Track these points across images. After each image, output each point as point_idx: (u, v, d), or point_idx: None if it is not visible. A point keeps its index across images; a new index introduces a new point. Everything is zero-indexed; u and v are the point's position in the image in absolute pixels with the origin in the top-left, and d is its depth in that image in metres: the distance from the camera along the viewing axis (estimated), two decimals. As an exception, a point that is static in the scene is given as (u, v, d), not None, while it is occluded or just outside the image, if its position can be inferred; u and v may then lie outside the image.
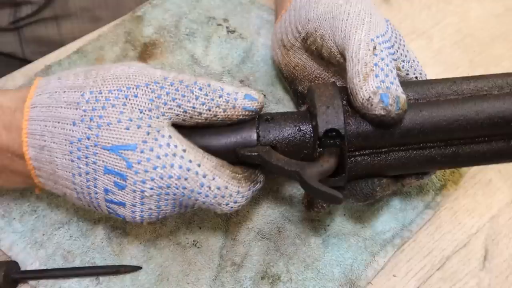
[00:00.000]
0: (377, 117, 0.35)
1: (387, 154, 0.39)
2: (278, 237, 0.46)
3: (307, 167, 0.35)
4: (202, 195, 0.36)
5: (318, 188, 0.33)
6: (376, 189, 0.40)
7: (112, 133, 0.35)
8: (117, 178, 0.36)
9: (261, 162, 0.37)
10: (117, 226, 0.46)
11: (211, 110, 0.36)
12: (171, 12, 0.61)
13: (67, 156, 0.36)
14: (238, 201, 0.38)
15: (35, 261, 0.45)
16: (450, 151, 0.39)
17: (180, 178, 0.35)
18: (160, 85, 0.36)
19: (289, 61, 0.48)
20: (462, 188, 0.50)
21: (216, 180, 0.36)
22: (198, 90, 0.36)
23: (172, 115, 0.36)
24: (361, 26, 0.38)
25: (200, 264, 0.45)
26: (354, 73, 0.36)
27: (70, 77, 0.37)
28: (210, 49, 0.58)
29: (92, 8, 0.67)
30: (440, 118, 0.37)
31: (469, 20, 0.62)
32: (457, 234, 0.47)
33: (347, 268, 0.44)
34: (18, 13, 0.63)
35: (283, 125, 0.39)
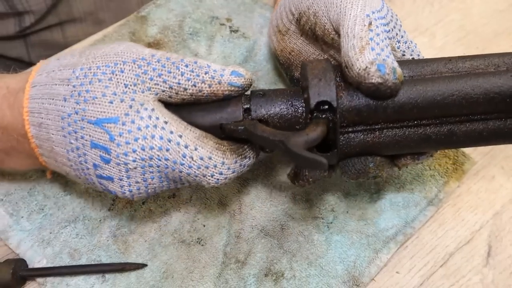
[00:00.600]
0: (373, 85, 0.35)
1: (380, 132, 0.38)
2: (281, 235, 0.46)
3: (292, 136, 0.34)
4: (185, 166, 0.36)
5: (301, 154, 0.32)
6: (369, 166, 0.39)
7: (96, 107, 0.36)
8: (102, 152, 0.36)
9: (247, 135, 0.37)
10: (122, 225, 0.47)
11: (197, 86, 0.37)
12: (175, 12, 0.61)
13: (60, 132, 0.37)
14: (224, 173, 0.37)
15: (42, 258, 0.45)
16: (445, 130, 0.38)
17: (162, 149, 0.36)
18: (147, 61, 0.37)
19: (285, 47, 0.48)
20: (465, 185, 0.50)
21: (198, 150, 0.36)
22: (184, 66, 0.37)
23: (158, 91, 0.37)
24: (357, 1, 0.38)
25: (204, 261, 0.45)
26: (350, 47, 0.36)
27: (67, 57, 0.39)
28: (213, 48, 0.58)
29: (95, 11, 0.68)
30: (435, 92, 0.36)
31: (472, 16, 0.62)
32: (460, 231, 0.47)
33: (350, 265, 0.45)
34: (23, 22, 0.64)
35: (275, 100, 0.39)
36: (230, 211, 0.48)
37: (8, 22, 0.64)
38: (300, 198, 0.48)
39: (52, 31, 0.67)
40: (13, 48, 0.66)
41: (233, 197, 0.48)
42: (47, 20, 0.65)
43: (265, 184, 0.49)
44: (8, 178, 0.49)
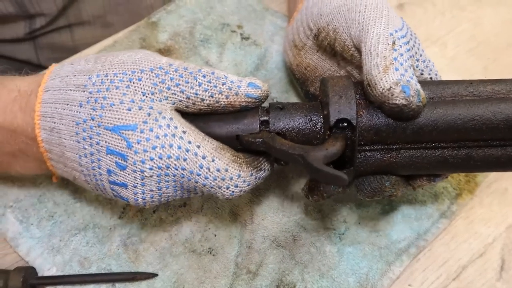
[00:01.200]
0: (397, 106, 0.34)
1: (397, 152, 0.38)
2: (293, 246, 0.46)
3: (312, 151, 0.34)
4: (202, 177, 0.36)
5: (321, 169, 0.32)
6: (385, 184, 0.39)
7: (114, 114, 0.36)
8: (118, 159, 0.36)
9: (266, 147, 0.37)
10: (133, 233, 0.47)
11: (214, 97, 0.37)
12: (185, 19, 0.61)
13: (74, 137, 0.37)
14: (240, 186, 0.37)
15: (52, 266, 0.45)
16: (463, 154, 0.38)
17: (179, 159, 0.36)
18: (164, 71, 0.37)
19: (301, 62, 0.48)
20: (478, 197, 0.50)
21: (215, 162, 0.36)
22: (201, 77, 0.37)
23: (175, 101, 0.37)
24: (380, 19, 0.38)
25: (216, 271, 0.45)
26: (373, 65, 0.36)
27: (81, 62, 0.39)
28: (225, 55, 0.58)
29: (104, 15, 0.68)
30: (455, 116, 0.36)
31: (483, 26, 0.62)
32: (473, 244, 0.47)
33: (362, 277, 0.44)
34: (33, 24, 0.64)
35: (294, 114, 0.39)
36: (241, 221, 0.47)
37: (19, 25, 0.63)
38: (312, 209, 0.48)
39: (61, 34, 0.67)
40: (22, 51, 0.66)
41: (245, 207, 0.48)
42: (56, 22, 0.65)
43: (276, 194, 0.49)
44: (18, 184, 0.49)
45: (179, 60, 0.38)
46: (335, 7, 0.42)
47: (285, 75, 0.56)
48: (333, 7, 0.42)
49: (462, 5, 0.64)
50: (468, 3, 0.64)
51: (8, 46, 0.66)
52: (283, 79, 0.56)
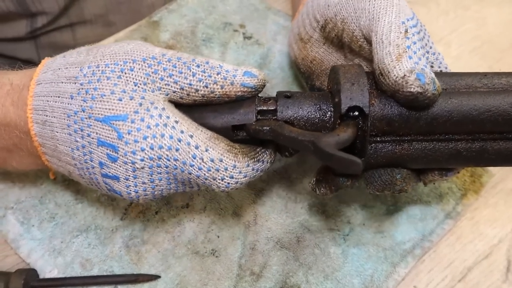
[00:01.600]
0: (412, 94, 0.33)
1: (409, 144, 0.37)
2: (297, 247, 0.46)
3: (323, 137, 0.32)
4: (195, 167, 0.35)
5: (335, 154, 0.31)
6: (396, 177, 0.38)
7: (104, 104, 0.35)
8: (109, 150, 0.35)
9: (273, 136, 0.35)
10: (135, 235, 0.46)
11: (208, 87, 0.36)
12: (187, 18, 0.60)
13: (65, 130, 0.36)
14: (235, 177, 0.36)
15: (53, 268, 0.45)
16: (477, 146, 0.37)
17: (171, 149, 0.35)
18: (157, 61, 0.36)
19: (306, 55, 0.48)
20: (483, 198, 0.49)
21: (209, 151, 0.35)
22: (195, 67, 0.36)
23: (169, 91, 0.36)
24: (391, 7, 0.37)
25: (219, 273, 0.44)
26: (385, 54, 0.35)
27: (73, 54, 0.38)
28: (227, 55, 0.57)
29: (105, 14, 0.67)
30: (470, 107, 0.35)
31: (487, 26, 0.62)
32: (479, 245, 0.47)
33: (367, 279, 0.44)
34: (34, 23, 0.63)
35: (302, 102, 0.38)
36: (245, 222, 0.47)
37: (20, 24, 0.63)
38: (316, 210, 0.47)
39: (63, 33, 0.67)
40: (23, 50, 0.66)
41: (248, 207, 0.48)
42: (58, 21, 0.64)
43: (280, 195, 0.48)
44: (19, 185, 0.49)
45: (172, 50, 0.37)
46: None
47: (288, 74, 0.56)
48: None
49: (466, 4, 0.64)
50: (472, 3, 0.64)
51: (9, 45, 0.65)
52: (286, 78, 0.56)
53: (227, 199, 0.48)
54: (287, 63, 0.57)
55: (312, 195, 0.48)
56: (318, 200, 0.48)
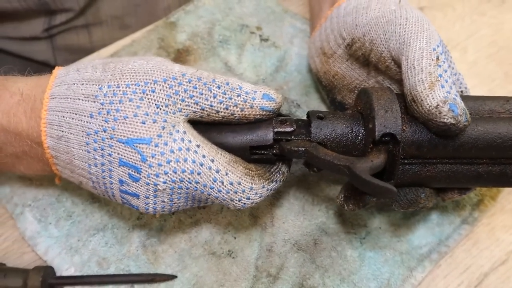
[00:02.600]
0: (445, 125, 0.35)
1: (434, 166, 0.38)
2: (314, 249, 0.46)
3: (357, 162, 0.34)
4: (215, 190, 0.37)
5: (371, 182, 0.32)
6: (420, 196, 0.39)
7: (128, 127, 0.35)
8: (131, 171, 0.36)
9: (308, 157, 0.37)
10: (152, 235, 0.46)
11: (229, 109, 0.37)
12: (204, 19, 0.61)
13: (84, 147, 0.37)
14: (252, 198, 0.38)
15: (70, 267, 0.45)
16: (497, 170, 0.39)
17: (193, 173, 0.36)
18: (178, 81, 0.36)
19: (329, 70, 0.48)
20: (500, 204, 0.49)
21: (229, 175, 0.37)
22: (216, 88, 0.36)
23: (189, 112, 0.37)
24: (421, 33, 0.38)
25: (236, 274, 0.44)
26: (418, 81, 0.36)
27: (88, 69, 0.38)
28: (244, 57, 0.57)
29: (121, 16, 0.67)
30: (495, 135, 0.37)
31: (504, 32, 0.62)
32: (495, 251, 0.47)
33: (384, 283, 0.44)
34: (52, 21, 0.63)
35: (335, 124, 0.39)
36: (261, 224, 0.47)
37: (38, 22, 0.63)
38: (334, 213, 0.47)
39: (79, 35, 0.67)
40: (40, 52, 0.66)
41: (265, 209, 0.48)
42: (75, 21, 0.65)
43: (297, 198, 0.48)
44: (36, 183, 0.49)
45: (192, 68, 0.38)
46: (372, 18, 0.42)
47: (304, 78, 0.56)
48: (370, 18, 0.42)
49: (482, 10, 0.64)
50: (488, 9, 0.64)
51: (26, 46, 0.66)
52: (303, 81, 0.56)
53: (244, 200, 0.48)
54: (304, 66, 0.57)
55: (329, 198, 0.48)
56: (336, 203, 0.48)
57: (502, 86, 0.57)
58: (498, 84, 0.57)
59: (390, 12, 0.41)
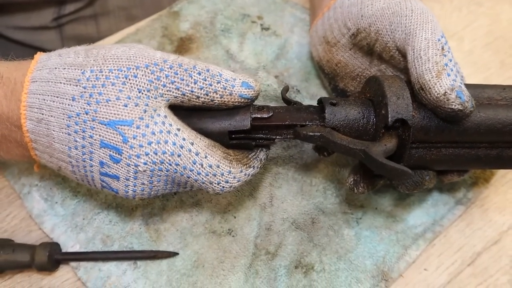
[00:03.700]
0: (453, 111, 0.37)
1: (438, 150, 0.41)
2: (311, 228, 0.47)
3: (372, 146, 0.36)
4: (194, 172, 0.38)
5: (388, 164, 0.35)
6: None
7: (110, 109, 0.36)
8: (112, 152, 0.37)
9: (324, 142, 0.39)
10: (154, 214, 0.48)
11: (209, 95, 0.38)
12: (206, 9, 0.62)
13: (64, 130, 0.37)
14: (230, 181, 0.39)
15: (75, 243, 0.46)
16: (494, 153, 0.41)
17: (174, 154, 0.37)
18: (159, 67, 0.37)
19: (331, 58, 0.49)
20: (493, 186, 0.50)
21: (208, 158, 0.38)
22: (197, 74, 0.38)
23: (170, 97, 0.38)
24: (427, 24, 0.40)
25: (235, 252, 0.46)
26: (425, 70, 0.38)
27: (70, 55, 0.39)
28: (245, 45, 0.59)
29: (128, 7, 0.69)
30: (495, 120, 0.39)
31: (500, 22, 0.63)
32: (488, 231, 0.48)
33: (379, 260, 0.45)
34: (62, 10, 0.65)
35: (348, 110, 0.41)
36: (261, 204, 0.48)
37: (48, 12, 0.65)
38: (331, 194, 0.49)
39: (87, 25, 0.68)
40: (49, 41, 0.68)
41: (264, 190, 0.49)
42: (84, 11, 0.66)
43: (296, 179, 0.50)
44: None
45: (173, 55, 0.39)
46: (378, 9, 0.43)
47: (304, 65, 0.57)
48: (376, 9, 0.44)
49: (479, 1, 0.65)
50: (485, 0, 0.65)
51: (35, 36, 0.67)
52: (302, 68, 0.57)
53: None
54: (304, 54, 0.58)
55: (327, 179, 0.50)
56: (333, 184, 0.49)
57: (498, 74, 0.58)
58: (493, 72, 0.58)
59: (396, 3, 0.43)
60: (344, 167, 0.50)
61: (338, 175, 0.50)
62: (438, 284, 0.45)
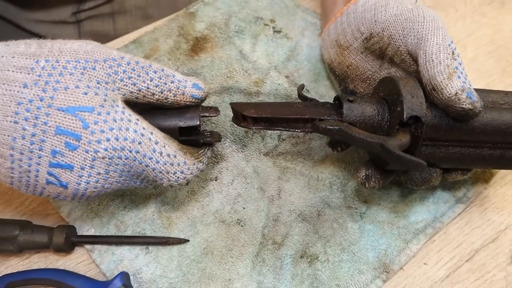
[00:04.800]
0: (463, 110, 0.39)
1: (446, 148, 0.43)
2: (317, 221, 0.49)
3: (388, 140, 0.39)
4: (153, 160, 0.39)
5: (404, 156, 0.37)
6: (433, 176, 0.44)
7: (69, 96, 0.36)
8: (69, 139, 0.37)
9: (341, 135, 0.41)
10: (167, 202, 0.50)
11: (163, 93, 0.40)
12: (221, 11, 0.65)
13: (10, 118, 0.36)
14: (185, 172, 0.41)
15: (90, 228, 0.48)
16: (498, 153, 0.44)
17: (134, 141, 0.38)
18: (117, 62, 0.38)
19: (343, 60, 0.52)
20: (492, 187, 0.52)
21: (166, 147, 0.40)
22: (153, 72, 0.40)
23: (126, 92, 0.39)
24: (438, 30, 0.43)
25: (244, 240, 0.48)
26: (437, 72, 0.40)
27: (20, 45, 0.38)
28: (258, 46, 0.61)
29: (145, 7, 0.72)
30: (500, 121, 0.42)
31: (503, 32, 0.65)
32: (486, 230, 0.50)
33: (381, 253, 0.47)
34: (82, 6, 0.68)
35: (364, 107, 0.43)
36: (269, 196, 0.50)
37: (69, 7, 0.68)
38: (337, 188, 0.51)
39: (104, 22, 0.71)
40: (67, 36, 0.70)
41: (273, 183, 0.51)
42: (102, 8, 0.69)
43: (303, 174, 0.52)
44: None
45: (130, 54, 0.40)
46: (391, 15, 0.46)
47: (314, 66, 0.60)
48: (389, 15, 0.46)
49: (483, 11, 0.67)
50: (489, 10, 0.68)
51: (55, 30, 0.70)
52: (312, 70, 0.59)
53: (254, 174, 0.52)
54: (313, 56, 0.61)
55: (333, 175, 0.52)
56: (339, 180, 0.51)
57: (500, 81, 0.60)
58: (495, 79, 0.61)
59: (408, 10, 0.45)
60: (350, 164, 0.53)
61: (343, 171, 0.52)
62: (437, 278, 0.47)
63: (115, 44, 0.62)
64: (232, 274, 0.46)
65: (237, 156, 0.53)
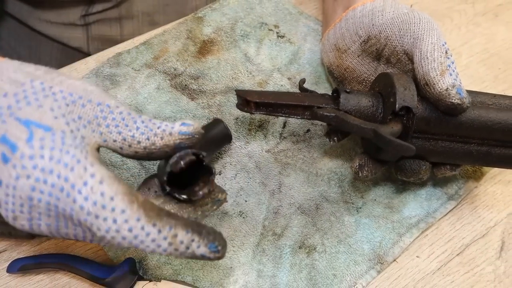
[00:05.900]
0: (452, 104, 0.43)
1: (436, 142, 0.46)
2: (315, 214, 0.52)
3: (381, 127, 0.42)
4: (82, 196, 0.32)
5: (394, 141, 0.40)
6: (422, 168, 0.47)
7: (35, 113, 0.34)
8: (6, 149, 0.33)
9: (337, 121, 0.44)
10: (173, 193, 0.52)
11: (150, 139, 0.37)
12: (228, 16, 0.68)
13: None
14: (118, 223, 0.32)
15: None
16: (484, 150, 0.47)
17: (67, 167, 0.32)
18: (110, 109, 0.37)
19: (341, 63, 0.55)
20: (483, 186, 0.55)
21: (102, 184, 0.32)
22: (140, 122, 0.37)
23: (109, 138, 0.36)
24: (432, 31, 0.46)
25: (245, 231, 0.50)
26: (431, 68, 0.44)
27: (31, 66, 0.38)
28: (262, 49, 0.65)
29: (152, 13, 0.75)
30: (487, 118, 0.45)
31: (496, 41, 0.68)
32: (477, 226, 0.52)
33: (376, 245, 0.50)
34: (90, 9, 0.71)
35: (360, 97, 0.46)
36: (270, 190, 0.53)
37: (78, 9, 0.71)
38: (335, 184, 0.54)
39: (111, 26, 0.74)
40: (75, 38, 0.73)
41: (274, 178, 0.54)
42: (109, 12, 0.72)
43: (303, 170, 0.55)
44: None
45: (125, 105, 0.40)
46: (388, 18, 0.50)
47: (315, 70, 0.63)
48: (386, 18, 0.50)
49: (477, 22, 0.71)
50: (483, 21, 0.71)
51: (64, 32, 0.73)
52: (313, 73, 0.62)
53: (256, 169, 0.54)
54: (315, 60, 0.64)
55: (331, 171, 0.54)
56: (337, 176, 0.54)
57: (492, 87, 0.63)
58: (488, 85, 0.64)
59: (404, 13, 0.49)
60: (347, 161, 0.55)
61: (341, 168, 0.55)
62: (428, 270, 0.49)
63: (126, 46, 0.65)
64: (233, 262, 0.48)
65: (241, 152, 0.56)
